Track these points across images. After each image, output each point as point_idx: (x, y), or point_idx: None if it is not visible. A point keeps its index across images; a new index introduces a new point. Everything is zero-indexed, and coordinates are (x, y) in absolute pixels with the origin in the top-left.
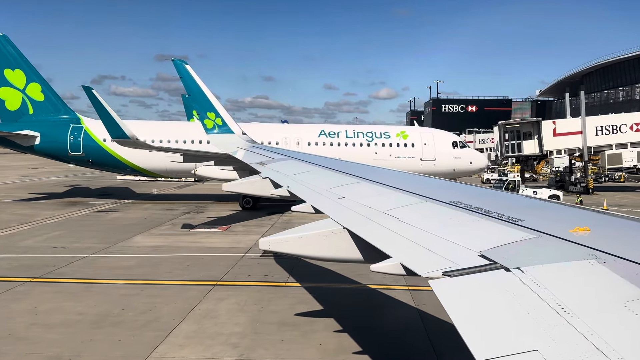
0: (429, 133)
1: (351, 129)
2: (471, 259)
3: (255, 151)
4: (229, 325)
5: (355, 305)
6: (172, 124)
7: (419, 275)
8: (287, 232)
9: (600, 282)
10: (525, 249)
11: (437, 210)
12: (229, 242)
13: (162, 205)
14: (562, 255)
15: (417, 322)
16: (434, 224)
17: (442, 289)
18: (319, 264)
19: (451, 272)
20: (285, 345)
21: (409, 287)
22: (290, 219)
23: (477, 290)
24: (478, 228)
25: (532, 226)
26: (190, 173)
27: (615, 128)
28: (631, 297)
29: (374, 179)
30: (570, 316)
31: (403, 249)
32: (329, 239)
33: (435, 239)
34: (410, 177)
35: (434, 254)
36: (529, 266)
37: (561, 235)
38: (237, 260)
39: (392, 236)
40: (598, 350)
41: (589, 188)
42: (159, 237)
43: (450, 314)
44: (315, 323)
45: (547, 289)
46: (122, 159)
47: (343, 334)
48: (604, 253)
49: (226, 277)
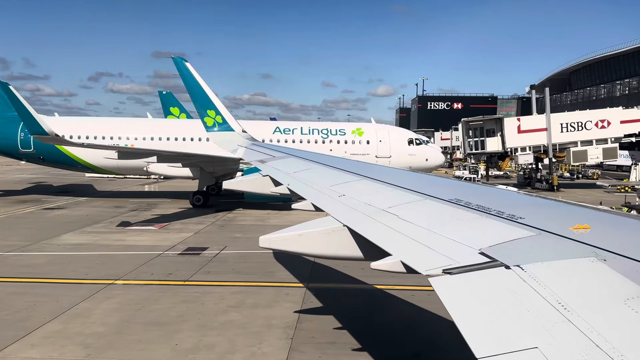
0: (385, 130)
1: (307, 126)
2: (471, 256)
3: (256, 149)
4: (95, 325)
5: (226, 304)
6: (138, 120)
7: (419, 273)
8: (287, 230)
9: (600, 280)
10: (526, 246)
11: (437, 207)
12: (155, 240)
13: (113, 203)
14: (562, 252)
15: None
16: (434, 222)
17: (442, 287)
18: (236, 263)
19: (451, 269)
20: (139, 346)
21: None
22: (236, 216)
23: (477, 287)
24: (478, 226)
25: (532, 224)
26: (143, 170)
27: (580, 125)
28: (631, 295)
29: (374, 177)
30: (570, 314)
31: (403, 246)
32: (329, 236)
33: (436, 237)
34: (410, 175)
35: (434, 251)
36: (529, 264)
37: (561, 233)
38: (151, 258)
39: (392, 234)
40: (598, 347)
41: (553, 185)
42: (88, 235)
43: (450, 312)
44: (185, 322)
45: (547, 286)
46: (73, 156)
47: (210, 332)
48: (604, 251)
49: (127, 276)
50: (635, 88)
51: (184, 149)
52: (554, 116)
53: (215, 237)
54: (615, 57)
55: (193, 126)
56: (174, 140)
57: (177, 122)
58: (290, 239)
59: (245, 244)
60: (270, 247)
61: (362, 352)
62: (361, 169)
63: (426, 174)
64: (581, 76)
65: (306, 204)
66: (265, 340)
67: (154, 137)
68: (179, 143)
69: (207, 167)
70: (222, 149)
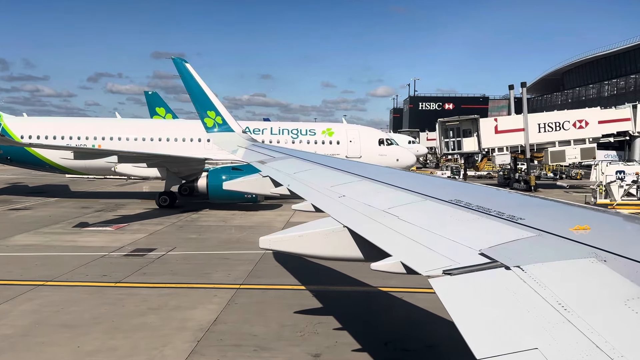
0: (355, 130)
1: (276, 126)
2: (471, 257)
3: (256, 149)
4: (5, 327)
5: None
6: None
7: (419, 274)
8: (287, 231)
9: (600, 281)
10: (526, 247)
11: (437, 208)
12: (107, 241)
13: (82, 203)
14: (563, 253)
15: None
16: (434, 223)
17: (443, 288)
18: (177, 264)
19: (451, 270)
20: (40, 348)
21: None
22: (200, 216)
23: (477, 288)
24: (478, 226)
25: (532, 224)
26: (111, 171)
27: (558, 125)
28: (631, 296)
29: (375, 178)
30: (570, 314)
31: (403, 247)
32: (329, 237)
33: (436, 238)
34: (410, 175)
35: (434, 252)
36: (529, 264)
37: (561, 234)
38: (94, 259)
39: (392, 234)
40: (598, 348)
41: (530, 185)
42: (41, 236)
43: (450, 312)
44: (97, 325)
45: (547, 287)
46: (40, 157)
47: (118, 335)
48: (605, 251)
49: (61, 278)
50: (622, 88)
51: (152, 150)
52: (532, 116)
53: (168, 238)
54: (606, 57)
55: (163, 126)
56: (142, 140)
57: (147, 123)
58: (289, 240)
59: (197, 245)
60: (270, 248)
61: (265, 352)
62: (361, 170)
63: (426, 175)
64: (573, 76)
65: (306, 205)
66: (171, 343)
67: (121, 138)
68: (146, 143)
69: (172, 168)
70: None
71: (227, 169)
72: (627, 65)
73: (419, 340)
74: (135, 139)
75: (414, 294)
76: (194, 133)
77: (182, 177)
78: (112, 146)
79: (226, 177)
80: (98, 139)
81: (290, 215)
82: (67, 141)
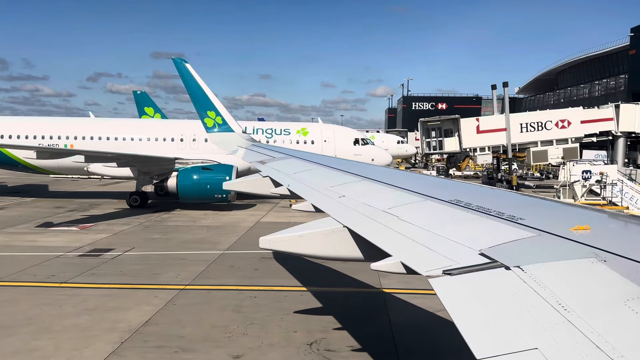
0: (330, 130)
1: (250, 126)
2: (471, 257)
3: (256, 150)
4: None
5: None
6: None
7: (419, 274)
8: (287, 231)
9: (600, 281)
10: (526, 247)
11: (437, 208)
12: (68, 241)
13: (57, 203)
14: (563, 253)
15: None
16: (434, 223)
17: (443, 288)
18: (130, 265)
19: (451, 270)
20: None
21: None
22: (170, 217)
23: (477, 288)
24: (478, 226)
25: (532, 224)
26: (84, 170)
27: (540, 125)
28: (631, 296)
29: (375, 178)
30: (570, 314)
31: (403, 247)
32: (329, 237)
33: (436, 238)
34: (410, 176)
35: (434, 252)
36: (529, 264)
37: (561, 234)
38: (48, 259)
39: (392, 235)
40: (598, 348)
41: (512, 185)
42: (3, 236)
43: (450, 313)
44: (28, 326)
45: (547, 287)
46: (13, 157)
47: (44, 337)
48: (605, 251)
49: (7, 278)
50: (612, 88)
51: (124, 149)
52: (514, 116)
53: (130, 239)
54: (599, 57)
55: (135, 126)
56: (114, 140)
57: (119, 122)
58: (289, 240)
59: (157, 245)
60: (270, 248)
61: (187, 354)
62: (362, 170)
63: (427, 175)
64: (567, 76)
65: (306, 205)
66: (94, 344)
67: (93, 137)
68: (119, 143)
69: (142, 167)
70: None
71: (197, 169)
72: (618, 66)
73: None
74: (108, 138)
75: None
76: (166, 132)
77: (153, 177)
78: (85, 146)
79: (197, 176)
80: (70, 138)
81: (262, 215)
82: (39, 141)
